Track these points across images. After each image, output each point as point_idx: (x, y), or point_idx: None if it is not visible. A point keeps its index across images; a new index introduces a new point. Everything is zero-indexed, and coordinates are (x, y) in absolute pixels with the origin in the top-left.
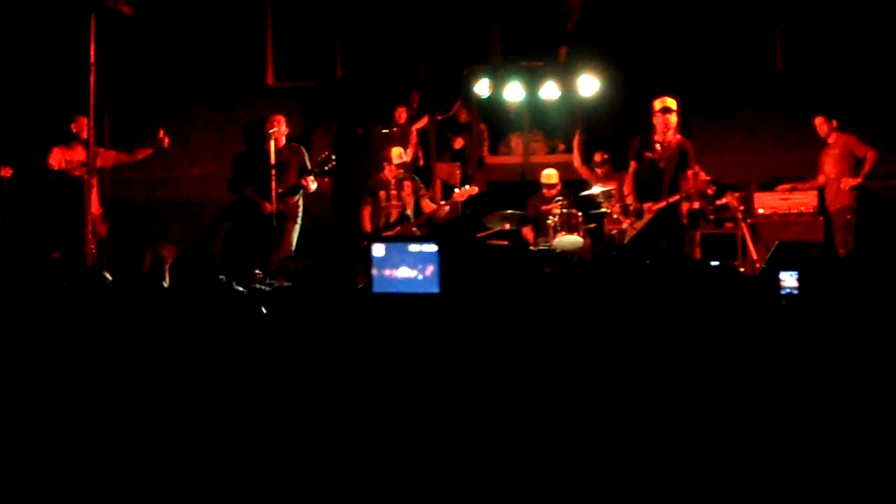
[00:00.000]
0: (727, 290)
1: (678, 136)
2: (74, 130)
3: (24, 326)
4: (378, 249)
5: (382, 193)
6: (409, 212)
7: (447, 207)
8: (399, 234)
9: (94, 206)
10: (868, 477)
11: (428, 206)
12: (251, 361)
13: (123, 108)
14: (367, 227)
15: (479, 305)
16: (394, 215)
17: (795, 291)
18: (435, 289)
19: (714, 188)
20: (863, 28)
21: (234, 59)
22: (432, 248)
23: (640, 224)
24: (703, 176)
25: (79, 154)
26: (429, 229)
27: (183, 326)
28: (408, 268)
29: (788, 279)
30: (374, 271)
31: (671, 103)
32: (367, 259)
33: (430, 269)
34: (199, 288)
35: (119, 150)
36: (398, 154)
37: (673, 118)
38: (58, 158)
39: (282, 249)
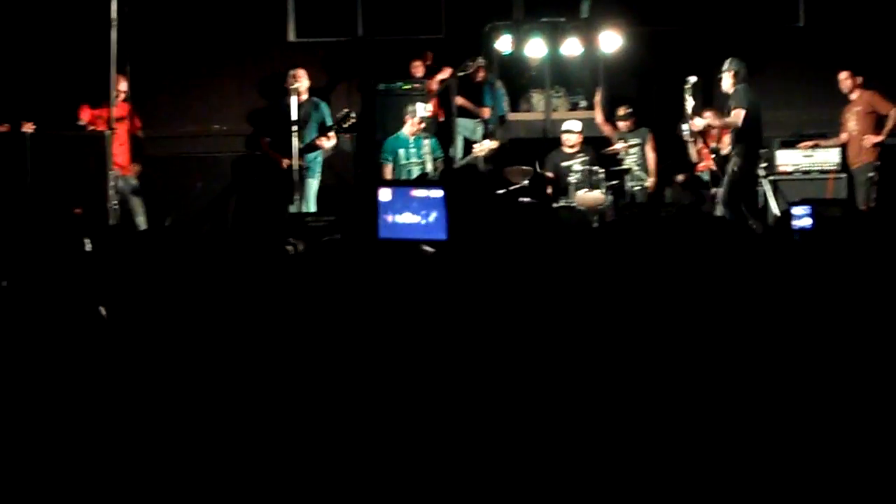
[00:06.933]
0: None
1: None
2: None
3: (44, 283)
4: (384, 194)
5: (402, 152)
6: (429, 169)
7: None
8: (405, 180)
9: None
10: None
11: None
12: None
13: (145, 64)
14: None
15: (488, 254)
16: (414, 173)
17: (809, 227)
18: (441, 235)
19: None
20: None
21: (256, 14)
22: (438, 193)
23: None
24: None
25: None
26: (442, 173)
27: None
28: (411, 213)
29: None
30: (382, 217)
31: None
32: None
33: (433, 215)
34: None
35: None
36: (423, 109)
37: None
38: (88, 114)
39: (302, 205)
